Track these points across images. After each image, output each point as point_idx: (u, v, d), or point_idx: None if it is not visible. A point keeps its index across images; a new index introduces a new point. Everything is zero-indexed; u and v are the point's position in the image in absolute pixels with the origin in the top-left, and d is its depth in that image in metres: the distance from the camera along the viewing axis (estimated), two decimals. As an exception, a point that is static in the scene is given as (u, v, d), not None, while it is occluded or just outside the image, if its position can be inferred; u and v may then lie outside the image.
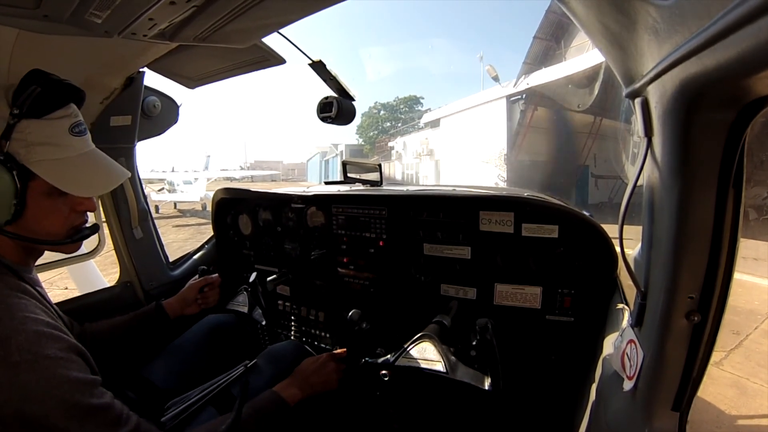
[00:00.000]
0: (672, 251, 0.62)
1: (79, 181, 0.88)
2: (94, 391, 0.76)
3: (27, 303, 0.77)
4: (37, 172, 0.83)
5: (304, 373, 1.25)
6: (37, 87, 0.82)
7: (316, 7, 0.94)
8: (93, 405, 0.74)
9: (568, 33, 13.67)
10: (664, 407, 0.70)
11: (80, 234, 0.94)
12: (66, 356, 0.74)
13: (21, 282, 0.83)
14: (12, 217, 0.82)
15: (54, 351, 0.73)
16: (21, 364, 0.69)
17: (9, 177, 0.80)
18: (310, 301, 1.83)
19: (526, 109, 14.44)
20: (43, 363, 0.71)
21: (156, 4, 0.81)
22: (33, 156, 0.83)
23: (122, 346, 1.31)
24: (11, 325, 0.72)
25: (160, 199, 17.59)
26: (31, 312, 0.76)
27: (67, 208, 0.90)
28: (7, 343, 0.69)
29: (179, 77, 1.47)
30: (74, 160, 0.88)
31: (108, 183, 0.96)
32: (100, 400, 0.76)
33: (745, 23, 0.37)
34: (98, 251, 1.79)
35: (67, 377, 0.72)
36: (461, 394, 1.25)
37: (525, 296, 1.35)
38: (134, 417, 0.80)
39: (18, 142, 0.82)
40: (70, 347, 0.77)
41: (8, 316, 0.73)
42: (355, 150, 37.51)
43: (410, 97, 40.30)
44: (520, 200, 1.34)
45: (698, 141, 0.54)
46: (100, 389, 0.77)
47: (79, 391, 0.73)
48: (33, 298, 0.82)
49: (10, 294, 0.77)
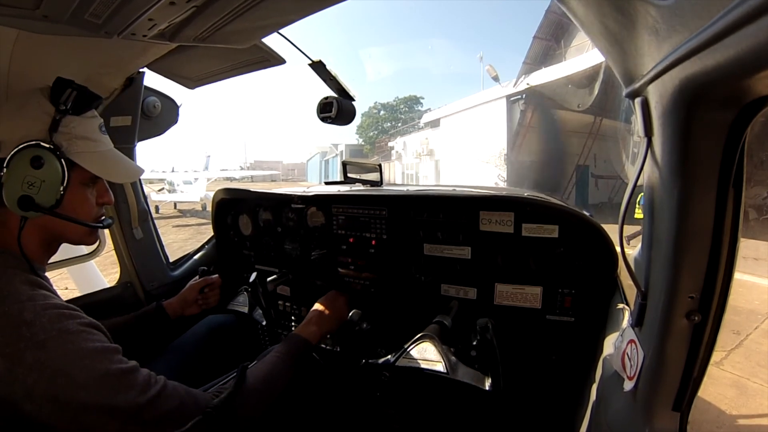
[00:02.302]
0: (672, 251, 0.62)
1: (113, 170, 1.00)
2: (119, 357, 0.79)
3: (45, 294, 0.82)
4: (79, 162, 0.92)
5: (318, 311, 1.40)
6: (72, 89, 0.90)
7: (316, 7, 0.94)
8: (121, 369, 0.77)
9: (568, 33, 13.67)
10: (664, 407, 0.70)
11: (103, 223, 1.03)
12: (87, 330, 0.78)
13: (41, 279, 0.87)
14: (56, 203, 0.89)
15: (75, 326, 0.77)
16: (47, 341, 0.72)
17: (59, 165, 0.88)
18: (311, 301, 1.83)
19: (525, 109, 14.44)
20: (67, 337, 0.74)
21: (156, 5, 0.81)
22: (74, 148, 0.92)
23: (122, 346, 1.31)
24: (34, 309, 0.75)
25: (160, 199, 17.58)
26: (50, 298, 0.81)
27: (93, 198, 0.99)
28: (32, 325, 0.73)
29: (179, 77, 1.47)
30: (106, 154, 0.99)
31: (135, 173, 1.09)
32: (127, 365, 0.79)
33: (745, 23, 0.37)
34: (99, 251, 1.79)
35: (92, 348, 0.76)
36: (462, 394, 1.25)
37: (525, 296, 1.35)
38: (162, 378, 0.83)
39: (63, 135, 0.90)
40: (89, 323, 0.81)
41: (31, 303, 0.76)
42: (355, 150, 37.52)
43: (410, 97, 40.32)
44: (520, 200, 1.34)
45: (698, 141, 0.54)
46: (121, 356, 0.80)
47: (106, 358, 0.76)
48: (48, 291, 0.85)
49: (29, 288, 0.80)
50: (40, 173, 0.86)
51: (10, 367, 0.70)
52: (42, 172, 0.86)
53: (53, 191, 0.88)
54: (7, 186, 0.85)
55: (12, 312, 0.74)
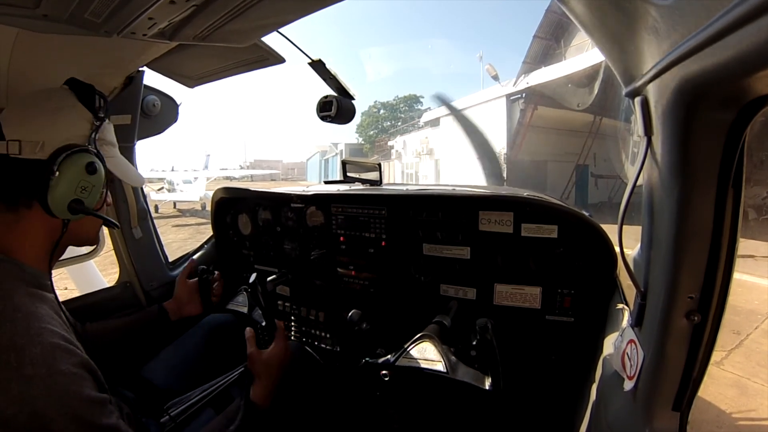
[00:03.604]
0: (672, 251, 0.62)
1: (128, 174, 1.05)
2: (104, 411, 0.74)
3: (44, 313, 0.77)
4: (109, 167, 0.95)
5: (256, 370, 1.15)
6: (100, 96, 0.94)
7: (316, 6, 0.93)
8: (105, 425, 0.72)
9: (568, 32, 13.66)
10: (664, 407, 0.70)
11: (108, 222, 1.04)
12: (79, 372, 0.73)
13: (39, 290, 0.83)
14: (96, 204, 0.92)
15: (67, 366, 0.72)
16: (34, 378, 0.67)
17: (103, 169, 0.92)
18: (310, 301, 1.83)
19: (525, 109, 14.43)
20: (57, 378, 0.69)
21: (156, 4, 0.81)
22: (104, 152, 0.95)
23: (123, 347, 1.31)
24: (28, 334, 0.71)
25: (159, 198, 17.58)
26: (48, 323, 0.75)
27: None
28: (22, 353, 0.68)
29: (179, 76, 1.47)
30: (120, 158, 1.03)
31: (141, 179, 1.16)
32: (109, 420, 0.74)
33: (745, 23, 0.37)
34: (98, 251, 1.79)
35: (80, 395, 0.71)
36: (461, 394, 1.25)
37: (525, 296, 1.35)
38: None
39: (99, 141, 0.94)
40: (83, 363, 0.75)
41: (25, 325, 0.72)
42: (355, 149, 37.48)
43: (410, 96, 40.27)
44: (520, 200, 1.34)
45: (698, 140, 0.54)
46: (109, 408, 0.76)
47: (91, 409, 0.71)
48: (50, 307, 0.81)
49: (30, 302, 0.76)
50: (92, 179, 0.89)
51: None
52: (94, 177, 0.89)
53: (97, 194, 0.92)
54: (59, 189, 0.84)
55: (3, 333, 0.69)
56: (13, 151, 0.82)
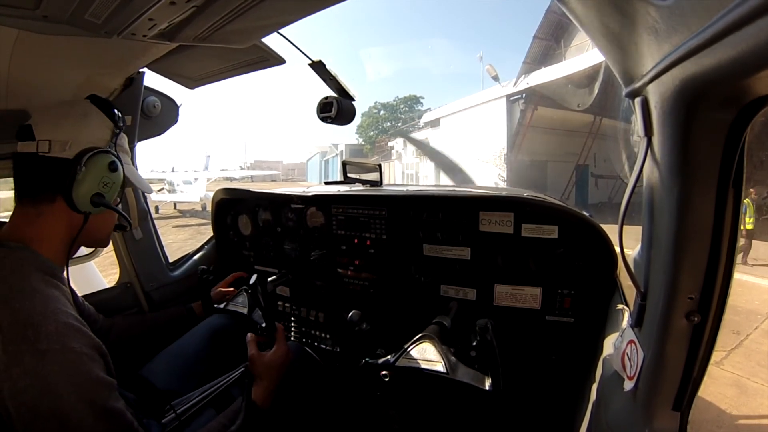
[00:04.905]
0: (672, 251, 0.62)
1: (141, 181, 1.15)
2: (113, 394, 0.78)
3: (59, 296, 0.82)
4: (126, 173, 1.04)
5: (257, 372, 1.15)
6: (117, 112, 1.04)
7: (316, 7, 0.94)
8: (111, 407, 0.75)
9: (568, 33, 13.66)
10: (664, 407, 0.70)
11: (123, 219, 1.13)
12: (90, 353, 0.77)
13: (55, 279, 0.87)
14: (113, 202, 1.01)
15: (80, 345, 0.76)
16: (48, 352, 0.71)
17: (122, 171, 1.01)
18: (310, 301, 1.83)
19: (525, 109, 14.43)
20: (69, 356, 0.73)
21: (156, 5, 0.81)
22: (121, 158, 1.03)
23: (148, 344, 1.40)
24: (44, 312, 0.75)
25: (159, 199, 17.58)
26: (62, 305, 0.81)
27: None
28: (38, 329, 0.72)
29: (179, 77, 1.47)
30: (132, 167, 1.12)
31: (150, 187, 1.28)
32: (117, 404, 0.77)
33: (744, 23, 0.37)
34: (98, 252, 1.79)
35: (89, 374, 0.75)
36: (462, 394, 1.25)
37: (525, 297, 1.35)
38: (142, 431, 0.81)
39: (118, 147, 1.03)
40: (95, 345, 0.79)
41: (42, 303, 0.77)
42: (355, 150, 37.45)
43: (410, 96, 40.22)
44: (520, 200, 1.34)
45: (698, 141, 0.54)
46: (116, 393, 0.78)
47: (100, 390, 0.75)
48: (63, 294, 0.85)
49: (46, 287, 0.81)
50: (113, 176, 0.98)
51: (7, 365, 0.69)
52: (115, 175, 0.99)
53: (116, 192, 1.01)
54: (84, 183, 0.93)
55: (22, 309, 0.73)
56: (43, 149, 0.90)
